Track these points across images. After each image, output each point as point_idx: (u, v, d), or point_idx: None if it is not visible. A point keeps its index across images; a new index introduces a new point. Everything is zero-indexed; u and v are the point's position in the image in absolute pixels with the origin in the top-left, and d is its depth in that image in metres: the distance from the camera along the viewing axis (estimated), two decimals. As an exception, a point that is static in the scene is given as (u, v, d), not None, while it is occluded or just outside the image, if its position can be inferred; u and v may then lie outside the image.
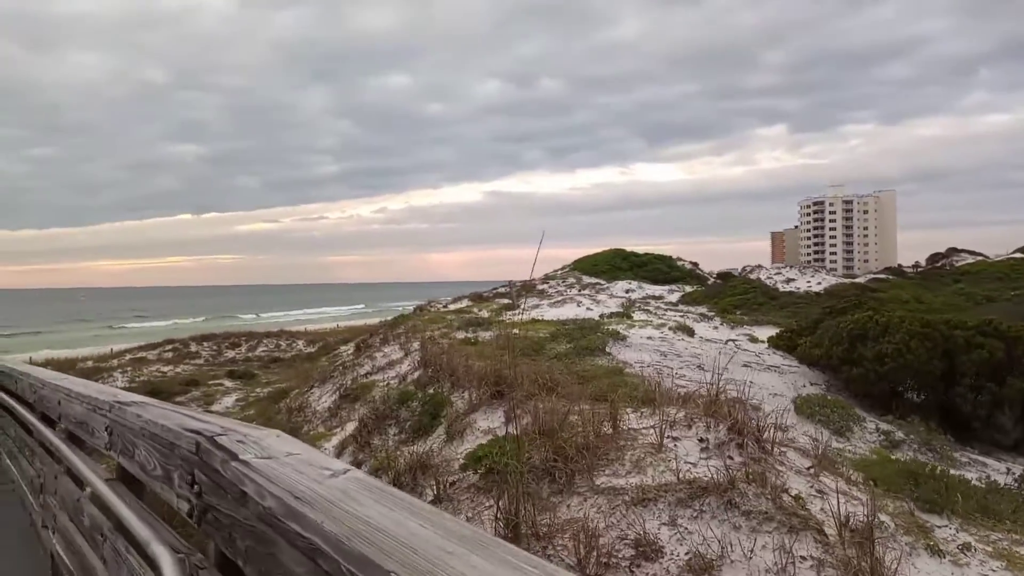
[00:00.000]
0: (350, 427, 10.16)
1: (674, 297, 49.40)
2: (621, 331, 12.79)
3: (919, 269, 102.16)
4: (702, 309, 27.05)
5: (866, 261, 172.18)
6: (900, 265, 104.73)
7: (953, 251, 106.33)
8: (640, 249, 72.43)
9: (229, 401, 33.04)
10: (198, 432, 2.11)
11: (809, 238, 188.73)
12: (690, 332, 15.13)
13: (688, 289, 59.98)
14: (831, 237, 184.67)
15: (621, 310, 17.98)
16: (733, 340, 15.45)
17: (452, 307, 49.18)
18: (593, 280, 63.01)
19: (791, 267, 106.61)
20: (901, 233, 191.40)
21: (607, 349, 11.51)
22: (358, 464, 7.71)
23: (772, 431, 6.04)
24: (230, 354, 53.40)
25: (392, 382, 12.18)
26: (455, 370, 9.25)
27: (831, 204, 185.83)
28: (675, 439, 5.91)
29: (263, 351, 54.27)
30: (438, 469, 6.44)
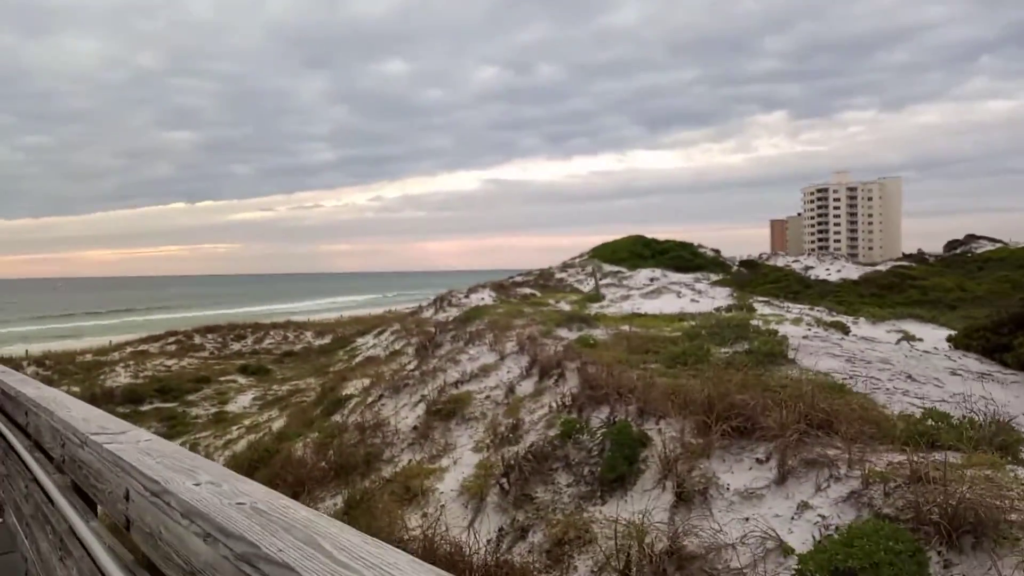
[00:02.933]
0: (467, 459, 7.64)
1: (702, 286, 46.85)
2: (774, 328, 10.36)
3: (939, 256, 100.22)
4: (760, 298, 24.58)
5: (871, 249, 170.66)
6: (921, 251, 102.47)
7: (971, 237, 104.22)
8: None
9: (245, 400, 30.50)
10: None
11: (813, 225, 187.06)
12: (844, 329, 12.75)
13: (713, 277, 57.52)
14: (835, 224, 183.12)
15: (733, 301, 15.53)
16: (906, 340, 12.98)
17: (473, 297, 46.69)
18: (614, 268, 60.38)
19: (807, 255, 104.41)
20: (904, 220, 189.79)
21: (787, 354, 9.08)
22: (522, 530, 5.21)
23: None
24: (236, 346, 50.92)
25: (494, 394, 9.65)
26: (629, 388, 6.71)
27: (835, 191, 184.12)
28: None
29: (270, 343, 51.77)
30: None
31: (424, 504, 6.83)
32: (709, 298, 16.10)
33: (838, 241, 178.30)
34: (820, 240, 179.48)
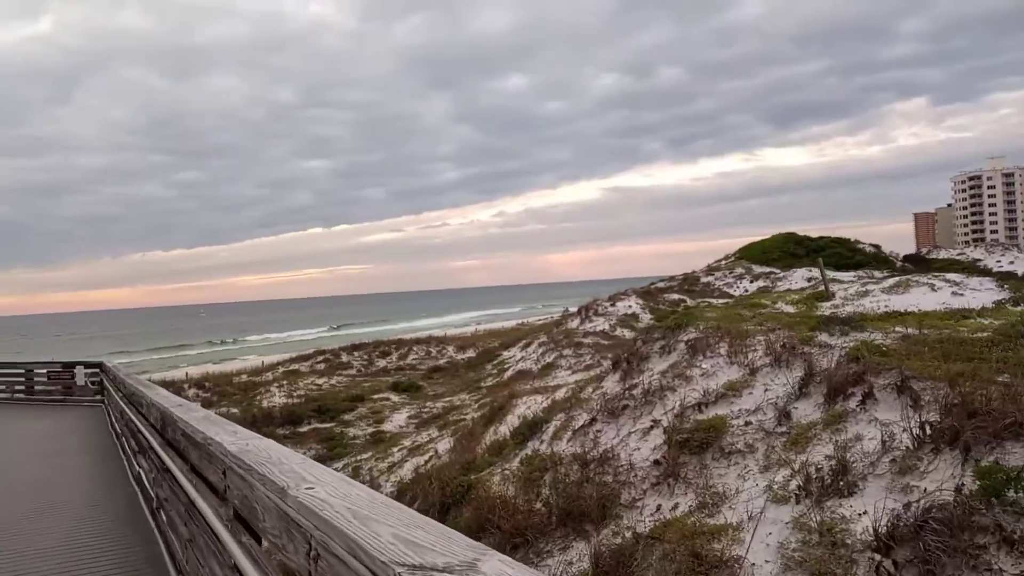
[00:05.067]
0: (771, 514, 5.64)
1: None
2: None
3: None
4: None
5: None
6: None
7: None
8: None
9: (400, 419, 29.68)
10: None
11: (966, 216, 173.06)
12: None
13: (878, 274, 52.70)
14: (991, 214, 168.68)
15: (1008, 294, 12.82)
16: None
17: (620, 305, 44.59)
18: (765, 269, 56.54)
19: (971, 246, 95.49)
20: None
21: None
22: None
23: None
24: (381, 363, 51.08)
25: (758, 419, 7.58)
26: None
27: (989, 178, 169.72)
28: None
29: (414, 358, 51.59)
30: None
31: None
32: (972, 291, 13.41)
33: (995, 232, 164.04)
34: (975, 232, 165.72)
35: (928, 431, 5.42)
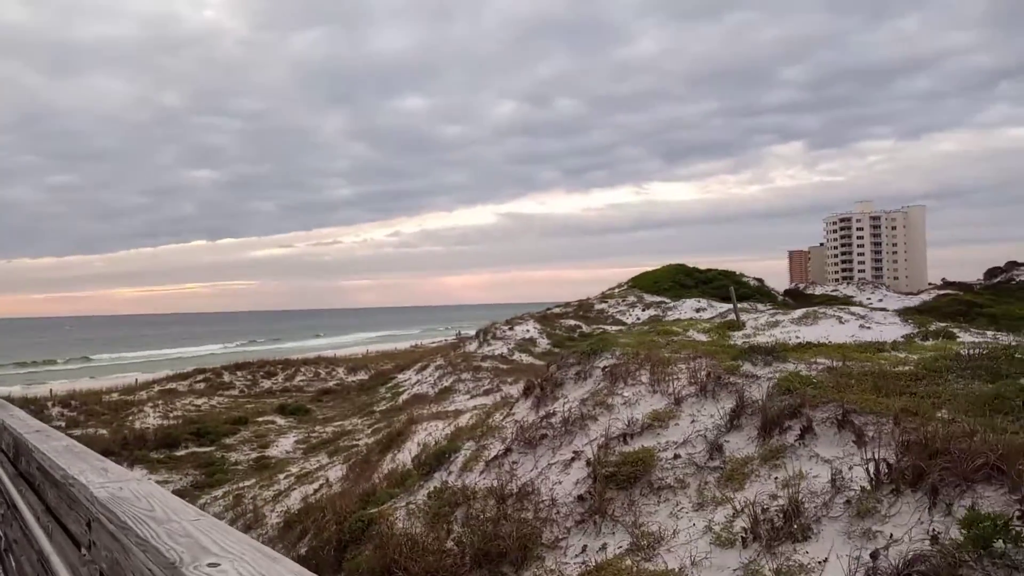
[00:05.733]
0: (717, 559, 5.17)
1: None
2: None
3: (981, 284, 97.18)
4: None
5: (895, 278, 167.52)
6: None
7: (1013, 264, 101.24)
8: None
9: (287, 443, 28.07)
10: None
11: (836, 255, 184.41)
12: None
13: (761, 307, 54.87)
14: (859, 254, 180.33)
15: (913, 329, 13.03)
16: None
17: (518, 329, 44.32)
18: (656, 299, 58.02)
19: (844, 284, 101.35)
20: (930, 250, 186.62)
21: None
22: None
23: None
24: (266, 384, 48.86)
25: (687, 453, 7.17)
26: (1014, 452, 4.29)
27: (858, 220, 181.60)
28: None
29: (302, 380, 49.63)
30: None
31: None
32: (877, 324, 13.66)
33: (863, 271, 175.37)
34: (844, 270, 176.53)
35: (884, 470, 5.12)
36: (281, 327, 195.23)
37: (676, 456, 7.27)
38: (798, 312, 16.21)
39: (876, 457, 5.31)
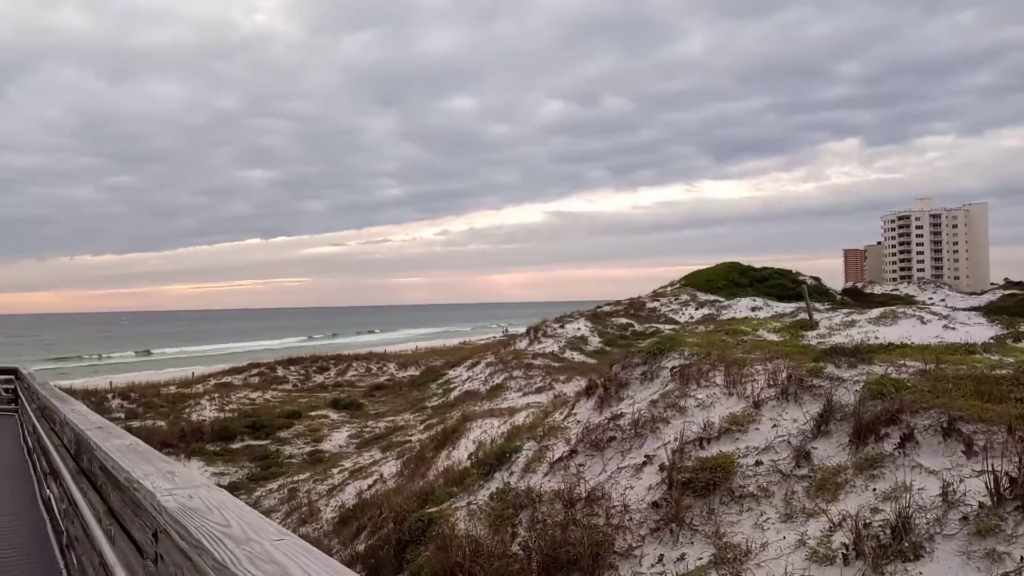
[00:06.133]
0: (816, 576, 4.74)
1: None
2: None
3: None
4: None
5: (956, 278, 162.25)
6: None
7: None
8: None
9: (340, 438, 28.17)
10: None
11: (895, 254, 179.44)
12: None
13: (818, 306, 53.47)
14: (918, 252, 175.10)
15: (1002, 330, 12.35)
16: None
17: (569, 327, 43.86)
18: (710, 297, 56.91)
19: (905, 283, 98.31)
20: (992, 249, 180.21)
21: None
22: None
23: None
24: (319, 379, 49.33)
25: (771, 459, 6.74)
26: None
27: (917, 218, 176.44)
28: None
29: (354, 375, 49.98)
30: None
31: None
32: (962, 324, 12.95)
33: (922, 270, 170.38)
34: (903, 269, 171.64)
35: (1006, 484, 4.65)
36: (334, 323, 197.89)
37: (758, 463, 6.84)
38: (875, 312, 15.50)
39: (993, 469, 4.83)
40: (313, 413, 32.20)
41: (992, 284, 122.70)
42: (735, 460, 6.96)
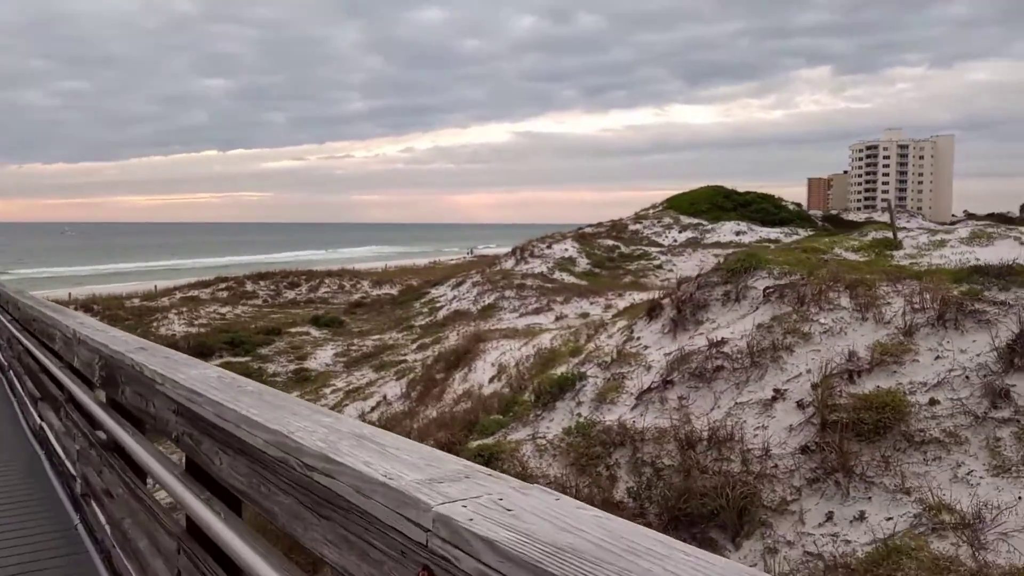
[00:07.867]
0: None
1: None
2: None
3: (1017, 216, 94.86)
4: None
5: (919, 208, 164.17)
6: None
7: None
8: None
9: (325, 356, 26.77)
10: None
11: (861, 183, 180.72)
12: None
13: (802, 232, 52.87)
14: (884, 182, 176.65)
15: None
16: None
17: (556, 248, 42.53)
18: (693, 220, 55.97)
19: (882, 211, 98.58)
20: (954, 181, 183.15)
21: None
22: None
23: None
24: (290, 294, 47.65)
25: (948, 398, 5.54)
26: None
27: (885, 148, 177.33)
28: None
29: (326, 291, 48.35)
30: None
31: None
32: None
33: (885, 200, 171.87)
34: (868, 199, 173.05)
35: None
36: (296, 239, 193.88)
37: (933, 401, 5.66)
38: (963, 231, 14.48)
39: None
40: (293, 330, 30.71)
41: (953, 216, 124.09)
42: (902, 398, 5.77)
